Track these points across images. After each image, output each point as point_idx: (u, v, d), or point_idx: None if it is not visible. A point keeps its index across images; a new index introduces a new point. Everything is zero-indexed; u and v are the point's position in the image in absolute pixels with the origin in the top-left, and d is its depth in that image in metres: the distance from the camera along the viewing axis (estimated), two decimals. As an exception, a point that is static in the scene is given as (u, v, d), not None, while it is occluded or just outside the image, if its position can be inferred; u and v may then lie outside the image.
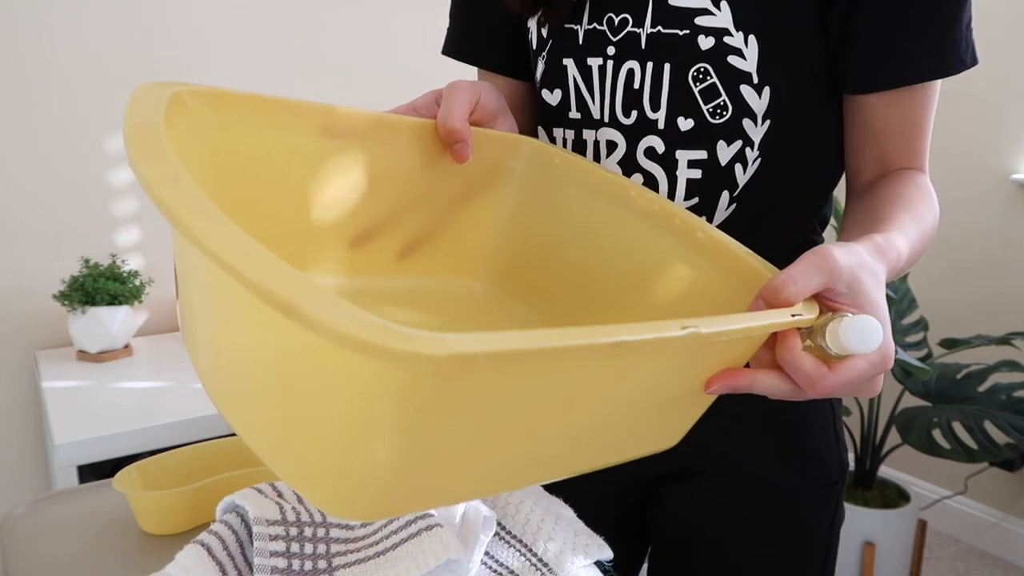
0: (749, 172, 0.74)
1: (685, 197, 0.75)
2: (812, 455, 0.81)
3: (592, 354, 0.38)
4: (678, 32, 0.72)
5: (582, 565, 0.64)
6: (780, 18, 0.70)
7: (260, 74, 1.84)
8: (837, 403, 0.84)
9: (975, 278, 2.33)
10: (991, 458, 1.88)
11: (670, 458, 0.82)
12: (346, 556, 0.58)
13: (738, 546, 0.83)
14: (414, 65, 2.01)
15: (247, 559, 0.57)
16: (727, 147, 0.73)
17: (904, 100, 0.73)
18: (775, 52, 0.70)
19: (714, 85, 0.72)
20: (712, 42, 0.71)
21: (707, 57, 0.71)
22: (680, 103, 0.73)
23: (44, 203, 1.66)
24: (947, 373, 2.02)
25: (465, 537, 0.62)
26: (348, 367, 0.33)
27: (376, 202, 0.62)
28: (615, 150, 0.78)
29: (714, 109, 0.72)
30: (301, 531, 0.57)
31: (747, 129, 0.73)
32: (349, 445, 0.36)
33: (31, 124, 1.63)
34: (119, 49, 1.69)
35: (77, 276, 1.57)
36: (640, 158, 0.76)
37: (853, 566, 2.04)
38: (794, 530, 0.83)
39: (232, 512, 0.60)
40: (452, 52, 0.89)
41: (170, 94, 0.45)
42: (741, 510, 0.82)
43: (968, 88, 2.29)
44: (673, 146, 0.74)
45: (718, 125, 0.72)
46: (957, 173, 2.35)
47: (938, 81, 0.73)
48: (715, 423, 0.80)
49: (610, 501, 0.90)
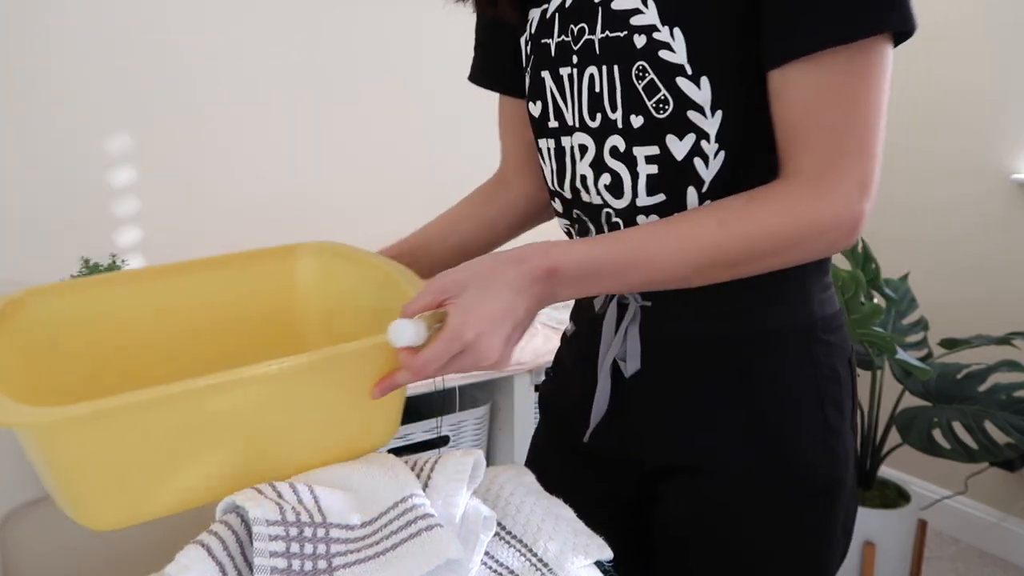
0: (713, 167, 0.73)
1: (648, 193, 0.76)
2: (795, 463, 0.79)
3: (178, 400, 0.55)
4: (620, 35, 0.74)
5: (582, 565, 0.64)
6: (700, 7, 0.70)
7: (261, 73, 1.84)
8: (832, 411, 0.80)
9: (975, 278, 2.33)
10: (991, 458, 1.88)
11: (671, 451, 0.82)
12: (346, 556, 0.58)
13: (727, 547, 0.82)
14: (412, 65, 2.01)
15: (247, 559, 0.57)
16: (679, 142, 0.74)
17: (803, 79, 0.68)
18: (702, 42, 0.70)
19: (653, 81, 0.73)
20: (644, 40, 0.73)
21: (643, 55, 0.73)
22: (630, 102, 0.75)
23: (44, 203, 1.66)
24: (947, 373, 2.02)
25: (465, 537, 0.62)
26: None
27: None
28: (586, 153, 0.80)
29: (657, 104, 0.74)
30: (301, 531, 0.57)
31: (696, 122, 0.73)
32: (45, 478, 0.58)
33: (31, 124, 1.63)
34: (119, 48, 1.68)
35: (77, 276, 1.57)
36: (607, 158, 0.78)
37: (853, 566, 2.04)
38: (780, 537, 0.81)
39: (232, 512, 0.59)
40: (474, 79, 0.98)
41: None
42: (730, 511, 0.81)
43: (968, 88, 2.29)
44: (631, 143, 0.76)
45: (664, 120, 0.74)
46: (957, 173, 2.35)
47: (857, 64, 0.67)
48: (700, 421, 0.81)
49: (608, 499, 0.90)
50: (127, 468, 0.57)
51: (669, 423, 0.82)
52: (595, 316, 0.86)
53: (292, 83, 1.88)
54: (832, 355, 0.81)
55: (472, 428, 1.83)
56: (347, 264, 0.83)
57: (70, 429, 0.54)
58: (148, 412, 0.56)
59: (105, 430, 0.55)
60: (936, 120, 2.38)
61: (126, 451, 0.57)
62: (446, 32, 2.00)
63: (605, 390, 0.84)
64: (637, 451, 0.86)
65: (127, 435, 0.56)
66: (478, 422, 1.84)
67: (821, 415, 0.80)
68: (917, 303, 2.17)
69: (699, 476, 0.81)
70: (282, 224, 1.94)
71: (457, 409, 1.80)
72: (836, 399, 0.80)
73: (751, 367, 0.79)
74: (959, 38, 2.29)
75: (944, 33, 2.32)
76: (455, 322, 0.64)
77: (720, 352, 0.80)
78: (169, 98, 1.75)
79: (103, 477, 0.57)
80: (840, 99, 0.67)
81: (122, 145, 1.72)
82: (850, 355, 0.84)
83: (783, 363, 0.79)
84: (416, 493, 0.61)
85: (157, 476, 0.58)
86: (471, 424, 1.83)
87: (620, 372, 0.84)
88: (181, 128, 1.77)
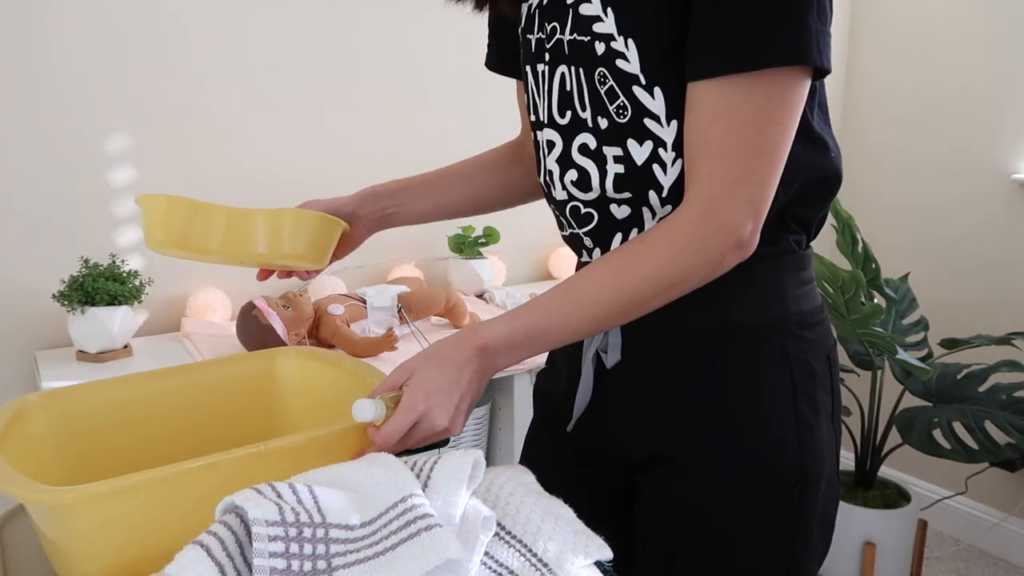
0: (672, 174, 0.76)
1: (615, 190, 0.80)
2: (764, 455, 0.80)
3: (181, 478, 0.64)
4: (584, 39, 0.77)
5: (582, 565, 0.64)
6: (652, 21, 0.72)
7: (262, 74, 1.84)
8: (805, 406, 0.81)
9: (975, 278, 2.33)
10: (991, 458, 1.88)
11: (647, 443, 0.85)
12: (345, 556, 0.58)
13: (702, 538, 0.83)
14: (411, 65, 2.01)
15: (246, 560, 0.57)
16: (639, 147, 0.77)
17: (700, 102, 0.71)
18: (652, 54, 0.73)
19: (612, 87, 0.76)
20: (604, 47, 0.76)
21: (603, 62, 0.76)
22: (595, 104, 0.78)
23: (44, 203, 1.66)
24: (947, 373, 2.02)
25: (465, 537, 0.62)
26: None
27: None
28: (553, 149, 0.84)
29: (617, 109, 0.77)
30: (300, 532, 0.57)
31: (653, 130, 0.75)
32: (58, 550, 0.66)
33: (31, 124, 1.63)
34: (120, 48, 1.68)
35: (77, 276, 1.57)
36: (575, 154, 0.81)
37: (853, 566, 2.04)
38: (749, 527, 0.82)
39: (231, 513, 0.59)
40: (490, 66, 1.00)
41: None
42: (703, 501, 0.82)
43: (968, 88, 2.29)
44: (601, 142, 0.79)
45: (624, 124, 0.77)
46: (957, 173, 2.35)
47: (753, 94, 0.69)
48: (675, 413, 0.83)
49: (594, 487, 0.92)
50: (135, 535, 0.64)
51: (646, 415, 0.85)
52: None
53: (292, 83, 1.88)
54: (807, 350, 0.82)
55: (472, 428, 1.83)
56: (319, 363, 0.93)
57: (90, 504, 0.61)
58: (160, 487, 0.64)
59: (124, 503, 0.62)
60: (936, 120, 2.38)
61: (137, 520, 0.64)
62: (445, 32, 2.01)
63: (588, 381, 0.87)
64: (617, 442, 0.88)
65: (142, 507, 0.64)
66: (478, 422, 1.84)
67: (792, 408, 0.81)
68: (917, 303, 2.17)
69: (675, 467, 0.83)
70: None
71: (457, 409, 1.80)
72: (810, 394, 0.82)
73: (724, 360, 0.81)
74: (959, 37, 2.29)
75: (944, 32, 2.32)
76: (408, 398, 0.73)
77: (694, 345, 0.82)
78: (169, 98, 1.75)
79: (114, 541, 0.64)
80: (735, 124, 0.70)
81: (122, 145, 1.72)
82: (830, 351, 0.85)
83: (756, 357, 0.81)
84: (416, 493, 0.61)
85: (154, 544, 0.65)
86: (471, 424, 1.83)
87: (603, 364, 0.86)
88: (181, 128, 1.77)
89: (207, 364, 0.93)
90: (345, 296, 1.73)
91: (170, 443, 0.86)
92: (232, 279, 1.86)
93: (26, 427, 0.75)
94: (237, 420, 0.91)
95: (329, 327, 1.63)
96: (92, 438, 0.81)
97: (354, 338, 1.63)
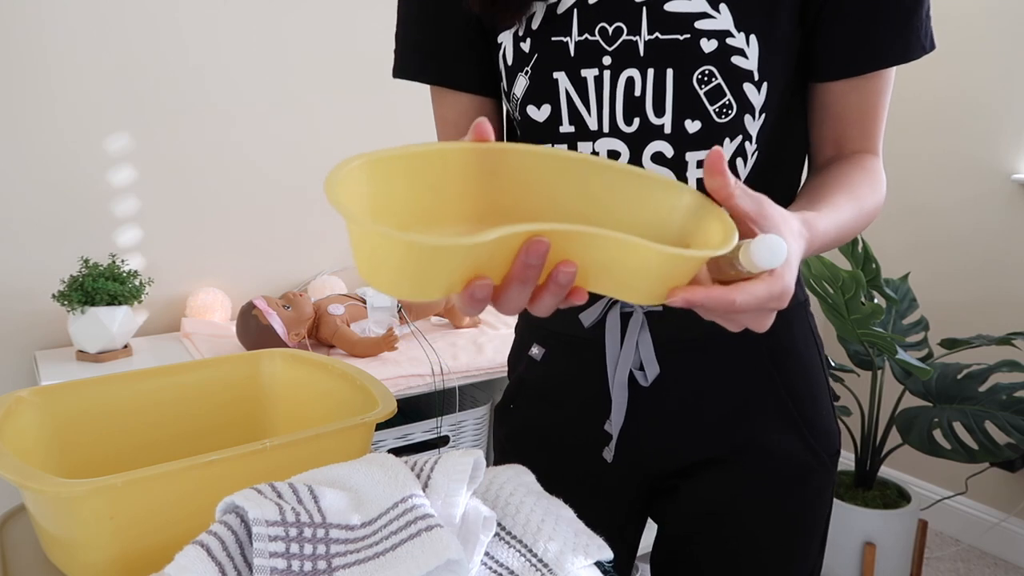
0: (749, 165, 0.77)
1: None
2: (819, 427, 0.85)
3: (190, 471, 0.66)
4: (678, 37, 0.73)
5: (582, 566, 0.64)
6: (773, 16, 0.73)
7: (262, 74, 1.84)
8: (828, 376, 0.89)
9: (975, 278, 2.33)
10: (992, 458, 1.88)
11: (699, 449, 0.85)
12: (346, 557, 0.58)
13: (773, 522, 0.86)
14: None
15: (247, 560, 0.57)
16: (730, 143, 0.75)
17: (862, 86, 0.78)
18: (771, 49, 0.73)
19: (719, 86, 0.73)
20: (715, 44, 0.73)
21: (711, 59, 0.73)
22: (686, 106, 0.74)
23: (44, 203, 1.66)
24: (948, 373, 2.02)
25: (465, 537, 0.62)
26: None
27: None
28: (618, 159, 0.77)
29: (720, 109, 0.74)
30: (301, 532, 0.57)
31: (747, 124, 0.75)
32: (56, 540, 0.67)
33: (31, 124, 1.63)
34: (120, 49, 1.68)
35: (77, 276, 1.57)
36: (647, 164, 0.77)
37: (853, 566, 2.04)
38: (819, 500, 0.87)
39: (231, 513, 0.59)
40: (412, 73, 0.86)
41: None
42: (771, 488, 0.85)
43: (968, 88, 2.29)
44: (682, 149, 0.75)
45: (724, 124, 0.74)
46: (957, 173, 2.35)
47: (893, 69, 0.79)
48: (738, 409, 0.83)
49: (627, 492, 0.90)
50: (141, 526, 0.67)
51: (695, 421, 0.84)
52: (584, 333, 0.84)
53: (293, 83, 1.88)
54: (816, 324, 0.90)
55: (472, 428, 1.83)
56: (305, 367, 0.94)
57: (98, 495, 0.64)
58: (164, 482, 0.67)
59: (133, 496, 0.65)
60: (937, 121, 2.38)
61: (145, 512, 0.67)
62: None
63: (622, 402, 0.83)
64: (653, 454, 0.86)
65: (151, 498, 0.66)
66: (478, 422, 1.84)
67: (825, 379, 0.88)
68: (917, 303, 2.17)
69: (733, 463, 0.84)
70: (282, 223, 1.94)
71: (457, 409, 1.80)
72: (828, 363, 0.88)
73: (776, 348, 0.84)
74: (960, 39, 2.29)
75: (945, 34, 2.32)
76: (788, 270, 0.56)
77: (741, 339, 0.80)
78: (169, 98, 1.75)
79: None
80: (881, 99, 0.79)
81: (122, 145, 1.72)
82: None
83: (796, 336, 0.85)
84: (416, 493, 0.61)
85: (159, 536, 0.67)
86: (471, 424, 1.83)
87: (631, 383, 0.83)
88: (181, 128, 1.77)
89: (194, 364, 0.95)
90: (345, 296, 1.73)
91: (157, 442, 0.88)
92: (232, 279, 1.86)
93: (16, 423, 0.77)
94: (222, 421, 0.93)
95: (329, 327, 1.63)
96: (79, 435, 0.83)
97: (354, 338, 1.63)
